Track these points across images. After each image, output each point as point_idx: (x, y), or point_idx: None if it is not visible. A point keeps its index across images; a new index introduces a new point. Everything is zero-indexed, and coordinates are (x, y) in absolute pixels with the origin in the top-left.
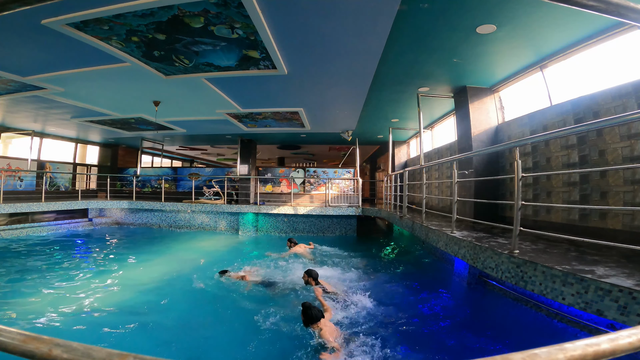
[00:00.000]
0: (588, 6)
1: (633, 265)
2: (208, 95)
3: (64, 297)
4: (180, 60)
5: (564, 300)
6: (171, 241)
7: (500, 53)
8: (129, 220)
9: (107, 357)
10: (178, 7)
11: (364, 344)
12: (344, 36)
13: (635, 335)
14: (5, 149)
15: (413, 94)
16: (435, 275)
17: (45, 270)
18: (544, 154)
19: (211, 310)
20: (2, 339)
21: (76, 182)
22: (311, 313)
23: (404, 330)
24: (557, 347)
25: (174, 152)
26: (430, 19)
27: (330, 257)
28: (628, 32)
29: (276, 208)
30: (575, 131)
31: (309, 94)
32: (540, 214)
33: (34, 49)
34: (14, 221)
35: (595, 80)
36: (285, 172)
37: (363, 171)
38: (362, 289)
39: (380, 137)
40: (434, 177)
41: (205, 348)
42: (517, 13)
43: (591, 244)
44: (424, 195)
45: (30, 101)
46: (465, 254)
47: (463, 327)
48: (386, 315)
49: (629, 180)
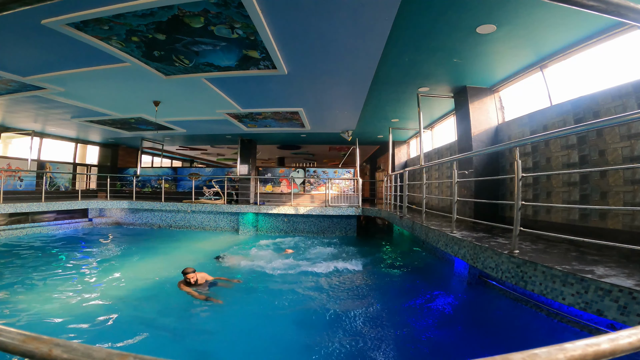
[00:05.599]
0: (588, 6)
1: (633, 265)
2: (208, 95)
3: (64, 297)
4: (180, 60)
5: (564, 300)
6: (171, 241)
7: (500, 53)
8: (129, 220)
9: (107, 357)
10: (178, 7)
11: (363, 343)
12: (344, 36)
13: (635, 335)
14: (5, 149)
15: (413, 94)
16: (435, 275)
17: (46, 270)
18: (544, 154)
19: (211, 309)
20: (2, 339)
21: (76, 182)
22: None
23: (403, 330)
24: (557, 347)
25: (174, 152)
26: (430, 19)
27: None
28: (628, 32)
29: (276, 208)
30: (575, 131)
31: (309, 94)
32: (540, 214)
33: (34, 49)
34: (14, 221)
35: (595, 80)
36: (285, 172)
37: (363, 171)
38: (362, 289)
39: (380, 137)
40: (434, 177)
41: (205, 347)
42: (517, 13)
43: (591, 244)
44: (424, 195)
45: (30, 101)
46: (465, 254)
47: (463, 327)
48: (386, 315)
49: (629, 180)
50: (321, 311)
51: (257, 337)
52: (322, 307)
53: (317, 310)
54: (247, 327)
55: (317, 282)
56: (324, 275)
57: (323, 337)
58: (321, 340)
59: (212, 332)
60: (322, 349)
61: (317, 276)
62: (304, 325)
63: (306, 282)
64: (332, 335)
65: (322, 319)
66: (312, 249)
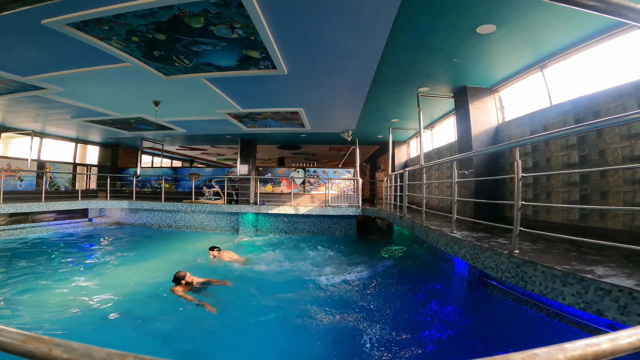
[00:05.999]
0: (588, 6)
1: (633, 265)
2: (208, 95)
3: (64, 297)
4: (180, 60)
5: (564, 300)
6: (171, 241)
7: (500, 53)
8: (129, 220)
9: (107, 357)
10: (178, 7)
11: (362, 343)
12: (344, 36)
13: (635, 335)
14: (5, 149)
15: (413, 94)
16: (435, 275)
17: (45, 270)
18: (544, 154)
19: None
20: (2, 339)
21: (76, 182)
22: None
23: (403, 330)
24: (557, 347)
25: (174, 152)
26: (430, 18)
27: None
28: (628, 32)
29: (276, 208)
30: (575, 131)
31: (309, 94)
32: (540, 214)
33: (34, 49)
34: (14, 221)
35: (595, 80)
36: (285, 172)
37: (363, 171)
38: (361, 289)
39: (380, 137)
40: (434, 177)
41: (206, 347)
42: (517, 13)
43: (591, 244)
44: (424, 195)
45: (30, 101)
46: (465, 254)
47: (463, 327)
48: (385, 315)
49: (629, 180)
50: (319, 310)
51: (257, 337)
52: (320, 306)
53: (315, 310)
54: (247, 327)
55: (316, 282)
56: (323, 275)
57: (321, 337)
58: (320, 340)
59: (212, 332)
60: (322, 349)
61: (316, 276)
62: (303, 325)
63: (305, 282)
64: (331, 334)
65: (321, 318)
66: (312, 249)
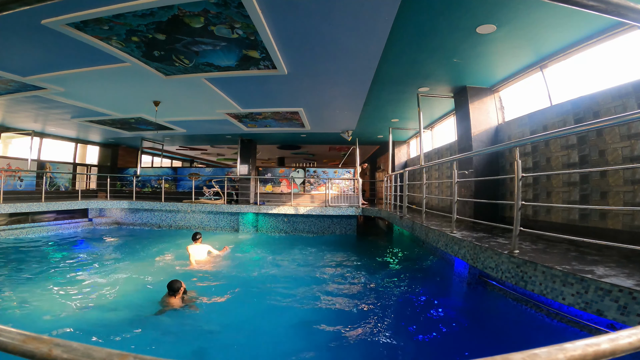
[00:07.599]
0: (588, 6)
1: (633, 265)
2: (208, 95)
3: (64, 297)
4: (180, 60)
5: (564, 300)
6: (171, 241)
7: (500, 53)
8: (129, 220)
9: (107, 357)
10: (178, 7)
11: (362, 343)
12: (344, 36)
13: (635, 335)
14: (5, 149)
15: (413, 94)
16: (435, 275)
17: (46, 270)
18: (544, 154)
19: (209, 308)
20: (2, 339)
21: (76, 182)
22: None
23: (403, 330)
24: (557, 347)
25: (174, 152)
26: (430, 18)
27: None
28: (628, 32)
29: (276, 208)
30: (575, 131)
31: (309, 94)
32: (540, 214)
33: (34, 49)
34: (14, 221)
35: (595, 80)
36: (285, 172)
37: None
38: (361, 289)
39: (380, 137)
40: (434, 177)
41: (206, 346)
42: (517, 13)
43: (591, 244)
44: (424, 195)
45: (30, 101)
46: (465, 254)
47: (463, 327)
48: (385, 315)
49: (629, 180)
50: (318, 310)
51: (257, 337)
52: (320, 306)
53: (315, 310)
54: (247, 327)
55: (316, 281)
56: (323, 275)
57: (322, 337)
58: (320, 340)
59: (212, 332)
60: (322, 349)
61: (315, 276)
62: (303, 325)
63: (305, 282)
64: (331, 334)
65: (320, 318)
66: (312, 249)
